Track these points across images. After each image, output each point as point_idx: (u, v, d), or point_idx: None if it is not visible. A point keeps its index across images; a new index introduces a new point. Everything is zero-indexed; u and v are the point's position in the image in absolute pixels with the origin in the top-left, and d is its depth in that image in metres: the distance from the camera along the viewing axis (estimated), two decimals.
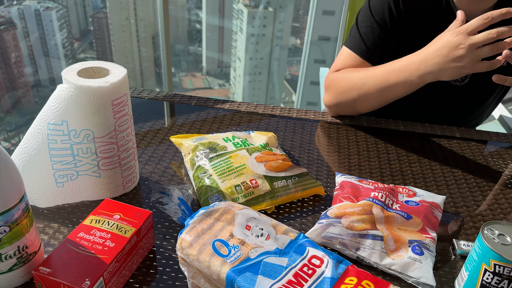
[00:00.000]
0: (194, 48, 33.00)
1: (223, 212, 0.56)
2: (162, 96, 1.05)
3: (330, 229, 0.62)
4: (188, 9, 34.41)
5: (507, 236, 0.54)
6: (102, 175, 0.68)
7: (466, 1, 0.92)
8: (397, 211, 0.66)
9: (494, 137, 0.98)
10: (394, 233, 0.62)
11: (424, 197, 0.71)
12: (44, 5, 23.13)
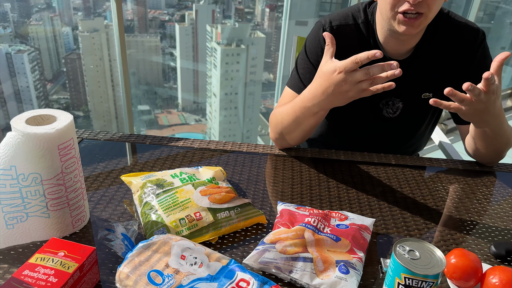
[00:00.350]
0: (169, 85, 33.00)
1: (161, 244, 0.61)
2: (117, 137, 1.10)
3: (265, 254, 0.67)
4: (162, 48, 34.72)
5: (416, 251, 0.61)
6: (51, 215, 0.72)
7: (391, 43, 1.03)
8: (327, 234, 0.72)
9: (427, 162, 1.07)
10: (323, 254, 0.68)
11: (355, 220, 0.77)
12: (16, 48, 22.91)
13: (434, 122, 1.19)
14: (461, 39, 1.03)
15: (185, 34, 40.13)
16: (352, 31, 1.05)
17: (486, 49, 1.04)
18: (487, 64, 1.00)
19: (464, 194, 0.95)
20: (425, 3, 0.89)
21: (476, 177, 1.03)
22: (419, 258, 0.60)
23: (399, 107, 1.09)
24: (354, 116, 1.13)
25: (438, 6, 0.93)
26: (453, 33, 1.04)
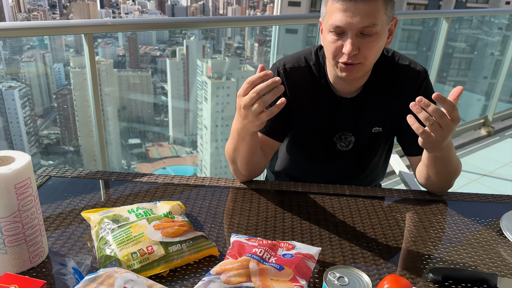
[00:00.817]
0: (161, 118, 32.96)
1: (106, 277, 0.65)
2: (84, 174, 1.15)
3: (210, 285, 0.71)
4: (153, 82, 35.18)
5: (346, 277, 0.65)
6: (8, 251, 0.76)
7: (339, 83, 1.11)
8: (271, 264, 0.76)
9: (380, 192, 1.13)
10: (265, 283, 0.72)
11: (301, 250, 0.82)
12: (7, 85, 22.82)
13: (386, 155, 1.26)
14: (405, 78, 1.11)
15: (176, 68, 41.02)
16: (304, 73, 1.13)
17: (428, 87, 1.12)
18: (431, 98, 1.08)
19: (412, 223, 1.00)
20: (360, 55, 0.98)
21: (426, 206, 1.08)
22: (348, 284, 0.64)
23: (351, 140, 1.16)
24: (311, 150, 1.20)
25: (375, 53, 1.01)
26: (398, 73, 1.12)
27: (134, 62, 38.46)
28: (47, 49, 6.91)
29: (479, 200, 1.12)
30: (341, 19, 0.96)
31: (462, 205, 1.10)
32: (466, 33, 4.93)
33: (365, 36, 0.97)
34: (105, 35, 11.70)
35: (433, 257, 0.88)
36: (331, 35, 1.00)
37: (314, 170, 1.24)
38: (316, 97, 1.13)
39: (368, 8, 0.94)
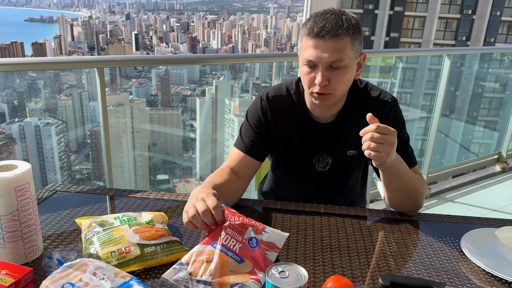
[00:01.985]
0: (188, 155, 33.25)
1: (80, 265, 0.76)
2: (86, 190, 1.28)
3: (179, 273, 0.81)
4: (183, 120, 36.20)
5: (287, 271, 0.73)
6: (7, 246, 0.88)
7: (316, 110, 1.22)
8: (233, 256, 0.85)
9: (353, 211, 1.20)
10: (222, 277, 0.80)
11: (268, 235, 0.89)
12: (45, 121, 23.85)
13: (363, 177, 1.34)
14: (375, 107, 1.21)
15: (205, 107, 42.28)
16: (285, 100, 1.25)
17: (396, 116, 1.21)
18: (397, 125, 1.18)
19: (377, 239, 1.07)
20: (330, 86, 1.09)
21: (395, 224, 1.14)
22: (288, 277, 0.72)
23: (328, 162, 1.25)
24: (293, 170, 1.29)
25: (344, 84, 1.12)
26: (369, 102, 1.22)
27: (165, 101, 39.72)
28: (84, 88, 7.27)
29: (448, 221, 1.18)
30: (312, 54, 1.08)
31: (431, 224, 1.16)
32: (496, 73, 4.95)
33: (334, 69, 1.09)
34: (139, 75, 12.24)
35: (389, 268, 0.94)
36: (305, 68, 1.12)
37: (298, 191, 1.33)
38: (295, 122, 1.25)
39: (335, 45, 1.07)
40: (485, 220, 1.19)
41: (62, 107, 8.17)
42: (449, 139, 4.77)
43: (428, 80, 4.39)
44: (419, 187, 1.14)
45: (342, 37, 1.06)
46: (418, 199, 1.15)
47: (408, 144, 1.21)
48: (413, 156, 1.22)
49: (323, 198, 1.29)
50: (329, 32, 1.04)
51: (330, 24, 1.04)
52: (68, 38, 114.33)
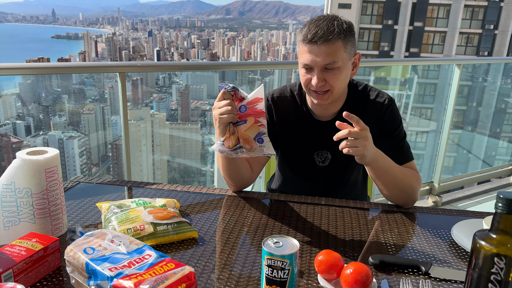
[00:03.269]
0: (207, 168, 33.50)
1: (100, 234, 0.86)
2: (106, 181, 1.40)
3: (220, 147, 1.10)
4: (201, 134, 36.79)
5: (281, 242, 0.82)
6: (36, 222, 0.99)
7: (317, 109, 1.31)
8: (240, 123, 1.09)
9: (352, 204, 1.28)
10: (245, 137, 1.04)
11: (249, 99, 1.09)
12: (68, 135, 24.63)
13: (363, 174, 1.41)
14: (372, 106, 1.30)
15: None
16: (289, 101, 1.35)
17: (392, 115, 1.29)
18: (394, 123, 1.26)
19: (373, 226, 1.14)
20: (327, 84, 1.19)
21: (391, 214, 1.21)
22: (281, 246, 0.81)
23: (327, 157, 1.34)
24: (296, 166, 1.38)
25: (340, 83, 1.21)
26: (367, 102, 1.31)
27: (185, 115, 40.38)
28: (106, 102, 7.45)
29: (443, 213, 1.24)
30: (308, 59, 1.18)
31: (426, 216, 1.23)
32: None
33: (328, 70, 1.19)
34: (160, 90, 12.46)
35: (381, 251, 1.01)
36: (303, 70, 1.22)
37: (302, 187, 1.41)
38: (298, 120, 1.34)
39: (328, 49, 1.16)
40: (479, 213, 1.25)
41: (85, 120, 8.39)
42: (468, 151, 4.77)
43: (448, 95, 4.42)
44: (409, 180, 1.21)
45: (333, 41, 1.16)
46: (409, 191, 1.22)
47: (404, 141, 1.29)
48: (409, 152, 1.29)
49: (326, 194, 1.37)
50: (321, 38, 1.14)
51: (322, 30, 1.14)
52: (92, 54, 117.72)
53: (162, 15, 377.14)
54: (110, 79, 6.14)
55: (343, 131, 1.07)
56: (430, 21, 31.26)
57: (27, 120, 6.91)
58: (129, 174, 1.97)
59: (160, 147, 8.21)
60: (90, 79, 6.07)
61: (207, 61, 9.95)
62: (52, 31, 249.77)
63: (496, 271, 0.57)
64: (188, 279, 0.72)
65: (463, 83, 4.99)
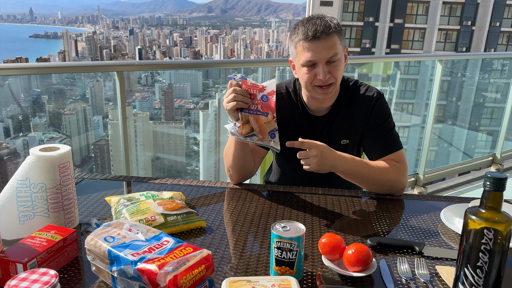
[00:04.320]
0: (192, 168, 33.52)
1: (118, 224, 0.91)
2: (110, 177, 1.44)
3: (233, 130, 1.17)
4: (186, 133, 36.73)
5: (288, 226, 0.89)
6: (51, 216, 1.04)
7: (313, 104, 1.38)
8: (260, 113, 1.17)
9: (347, 192, 1.35)
10: (261, 128, 1.13)
11: (267, 87, 1.19)
12: (49, 136, 24.09)
13: None
14: (362, 101, 1.37)
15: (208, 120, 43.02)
16: (285, 97, 1.42)
17: (381, 108, 1.37)
18: (383, 115, 1.34)
19: (367, 212, 1.22)
20: (332, 77, 1.26)
21: (384, 202, 1.29)
22: (289, 230, 0.88)
23: None
24: (293, 158, 1.45)
25: (341, 74, 1.30)
26: (357, 96, 1.38)
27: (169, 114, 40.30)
28: (88, 102, 7.35)
29: (432, 199, 1.33)
30: (311, 55, 1.25)
31: (416, 202, 1.31)
32: (498, 83, 5.11)
33: (331, 63, 1.26)
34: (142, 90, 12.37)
35: (377, 234, 1.09)
36: (304, 69, 1.28)
37: (298, 178, 1.48)
38: (294, 116, 1.41)
39: (329, 43, 1.24)
40: (465, 199, 1.33)
41: (66, 121, 8.28)
42: (449, 144, 4.93)
43: (429, 91, 4.57)
44: (383, 175, 1.29)
45: (332, 35, 1.24)
46: (388, 184, 1.30)
47: (393, 131, 1.37)
48: (397, 142, 1.36)
49: (321, 185, 1.44)
50: (322, 33, 1.21)
51: (321, 27, 1.22)
52: (73, 53, 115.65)
53: (143, 13, 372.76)
54: (91, 79, 6.08)
55: (300, 152, 1.20)
56: (410, 18, 31.76)
57: (6, 121, 6.77)
58: (128, 171, 2.01)
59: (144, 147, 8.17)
60: (70, 79, 5.99)
61: (206, 59, 10.04)
62: (30, 30, 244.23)
63: (486, 242, 0.64)
64: (206, 260, 0.78)
65: (443, 78, 5.16)
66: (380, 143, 1.35)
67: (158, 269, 0.74)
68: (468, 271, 0.67)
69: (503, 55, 6.39)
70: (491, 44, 31.34)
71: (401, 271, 0.91)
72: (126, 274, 0.78)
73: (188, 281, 0.74)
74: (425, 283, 0.88)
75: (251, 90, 1.18)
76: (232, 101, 1.16)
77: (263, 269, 0.93)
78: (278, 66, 3.98)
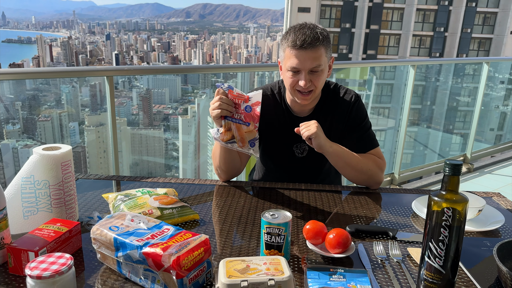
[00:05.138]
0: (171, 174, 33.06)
1: (120, 216, 0.99)
2: (104, 176, 1.51)
3: (215, 135, 1.24)
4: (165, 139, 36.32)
5: (276, 214, 0.98)
6: (53, 211, 1.11)
7: (296, 106, 1.49)
8: (242, 123, 1.24)
9: (327, 187, 1.46)
10: (242, 137, 1.21)
11: (252, 98, 1.28)
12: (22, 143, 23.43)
13: None
14: (341, 103, 1.49)
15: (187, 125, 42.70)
16: (270, 99, 1.52)
17: (359, 109, 1.49)
18: (360, 116, 1.46)
19: (346, 204, 1.33)
20: (312, 84, 1.37)
21: (361, 195, 1.41)
22: (277, 217, 0.97)
23: (305, 149, 1.52)
24: (277, 157, 1.56)
25: (322, 83, 1.40)
26: (337, 99, 1.50)
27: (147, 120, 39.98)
28: (63, 108, 7.22)
29: (404, 192, 1.45)
30: (296, 63, 1.35)
31: (391, 195, 1.43)
32: (471, 87, 5.36)
33: (313, 72, 1.37)
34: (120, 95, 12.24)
35: (356, 222, 1.20)
36: (289, 73, 1.39)
37: (283, 176, 1.59)
38: (278, 116, 1.51)
39: (314, 54, 1.34)
40: (433, 191, 1.46)
41: (41, 128, 8.14)
42: (425, 146, 5.15)
43: (404, 95, 4.78)
44: (365, 164, 1.41)
45: (318, 47, 1.34)
46: (369, 173, 1.42)
47: (370, 130, 1.49)
48: (374, 140, 1.49)
49: (304, 182, 1.55)
50: (309, 45, 1.32)
51: (309, 38, 1.32)
52: (47, 58, 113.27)
53: (120, 18, 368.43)
54: (67, 85, 6.03)
55: (301, 124, 1.34)
56: (385, 24, 32.53)
57: None
58: (117, 172, 2.06)
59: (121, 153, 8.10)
60: (45, 85, 5.93)
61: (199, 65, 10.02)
62: (2, 35, 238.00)
63: (446, 219, 0.75)
64: (205, 244, 0.87)
65: (417, 83, 5.39)
66: (359, 141, 1.47)
67: (163, 252, 0.82)
68: (432, 245, 0.78)
69: (473, 60, 6.70)
70: (463, 49, 32.38)
71: (376, 252, 1.03)
72: (132, 259, 0.87)
73: (189, 261, 0.83)
74: (398, 263, 0.99)
75: (236, 100, 1.27)
76: (217, 108, 1.25)
77: (254, 254, 1.02)
78: (257, 71, 4.10)
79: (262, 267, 0.82)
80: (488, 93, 5.14)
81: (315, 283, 0.87)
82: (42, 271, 0.74)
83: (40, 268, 0.75)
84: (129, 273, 0.90)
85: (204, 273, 0.88)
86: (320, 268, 0.92)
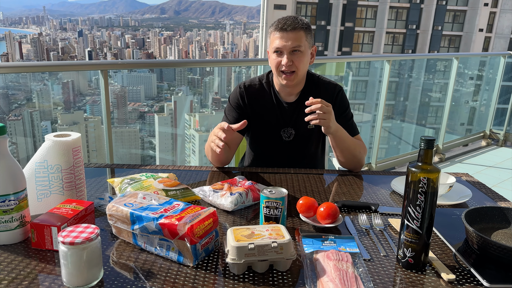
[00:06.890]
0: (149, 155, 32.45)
1: (132, 195, 1.09)
2: (104, 165, 1.60)
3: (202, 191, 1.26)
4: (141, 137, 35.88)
5: (274, 191, 1.10)
6: (65, 194, 1.19)
7: (283, 92, 1.62)
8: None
9: (314, 171, 1.59)
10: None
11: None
12: None
13: (322, 148, 1.74)
14: (325, 91, 1.63)
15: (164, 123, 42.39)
16: (258, 88, 1.65)
17: (342, 98, 1.63)
18: (344, 104, 1.59)
19: (332, 185, 1.46)
20: (293, 65, 1.50)
21: (345, 177, 1.54)
22: (274, 193, 1.09)
23: (292, 133, 1.64)
24: (265, 141, 1.68)
25: (303, 65, 1.54)
26: (320, 88, 1.63)
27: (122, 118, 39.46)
28: (34, 107, 7.05)
29: (383, 174, 1.60)
30: (279, 43, 1.50)
31: (372, 176, 1.57)
32: (441, 84, 5.61)
33: (295, 53, 1.51)
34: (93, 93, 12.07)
35: (342, 199, 1.33)
36: (274, 55, 1.53)
37: (271, 160, 1.71)
38: (266, 103, 1.64)
39: (295, 36, 1.50)
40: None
41: (11, 127, 7.97)
42: (399, 138, 5.38)
43: (378, 92, 4.99)
44: (358, 147, 1.56)
45: (298, 30, 1.50)
46: (359, 156, 1.57)
47: (352, 119, 1.63)
48: (356, 127, 1.63)
49: (291, 165, 1.67)
50: (289, 26, 1.49)
51: (290, 21, 1.50)
52: (17, 55, 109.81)
53: (93, 14, 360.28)
54: (38, 82, 5.96)
55: (316, 100, 1.36)
56: (360, 22, 33.10)
57: None
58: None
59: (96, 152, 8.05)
60: (15, 83, 5.83)
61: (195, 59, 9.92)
62: None
63: (422, 186, 0.89)
64: (213, 215, 0.98)
65: (391, 79, 5.63)
66: (345, 128, 1.60)
67: (178, 221, 0.93)
68: (410, 209, 0.91)
69: (444, 56, 6.99)
70: (434, 46, 33.31)
71: (361, 222, 1.16)
72: (148, 230, 0.97)
73: (201, 230, 0.94)
74: (381, 231, 1.13)
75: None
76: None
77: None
78: (234, 66, 4.21)
79: (265, 233, 0.94)
80: (458, 89, 5.41)
81: (310, 248, 0.99)
82: (74, 238, 0.83)
83: (71, 236, 0.84)
84: (144, 244, 1.00)
85: (213, 241, 0.99)
86: (313, 236, 1.05)
